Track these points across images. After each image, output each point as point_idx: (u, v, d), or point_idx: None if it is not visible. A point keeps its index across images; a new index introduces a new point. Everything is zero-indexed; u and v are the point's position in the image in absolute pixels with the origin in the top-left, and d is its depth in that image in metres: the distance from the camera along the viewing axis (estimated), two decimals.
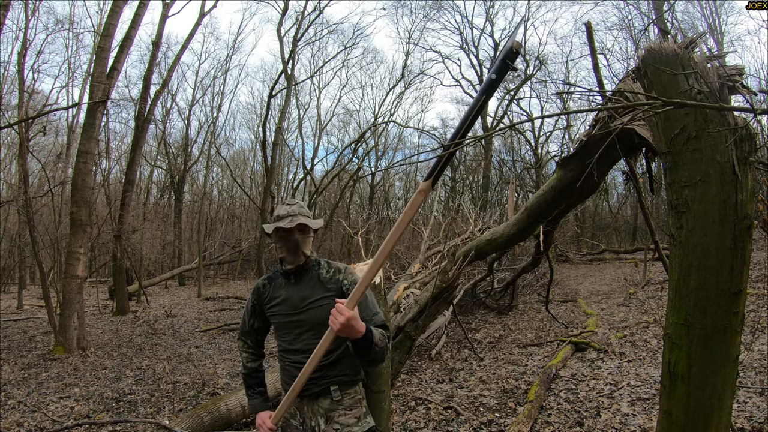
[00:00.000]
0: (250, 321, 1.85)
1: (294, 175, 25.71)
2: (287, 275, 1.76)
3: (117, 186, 17.53)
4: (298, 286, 1.73)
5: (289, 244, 1.70)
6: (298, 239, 1.69)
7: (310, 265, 1.77)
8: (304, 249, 1.71)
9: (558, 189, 2.86)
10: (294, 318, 1.70)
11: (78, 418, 4.04)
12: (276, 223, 1.73)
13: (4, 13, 6.28)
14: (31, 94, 13.90)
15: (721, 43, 14.90)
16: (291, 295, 1.72)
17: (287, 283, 1.76)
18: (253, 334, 1.86)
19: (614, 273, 11.92)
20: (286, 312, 1.71)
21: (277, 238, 1.75)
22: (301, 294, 1.71)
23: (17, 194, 10.54)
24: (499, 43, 20.62)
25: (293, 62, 15.40)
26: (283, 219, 1.71)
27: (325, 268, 1.76)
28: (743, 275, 1.52)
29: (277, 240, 1.75)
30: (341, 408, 1.66)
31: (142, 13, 8.16)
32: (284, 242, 1.71)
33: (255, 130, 25.79)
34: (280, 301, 1.74)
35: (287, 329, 1.71)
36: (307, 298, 1.70)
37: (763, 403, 3.09)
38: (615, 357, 4.75)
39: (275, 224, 1.73)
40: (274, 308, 1.75)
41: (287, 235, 1.70)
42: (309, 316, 1.67)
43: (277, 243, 1.75)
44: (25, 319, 10.14)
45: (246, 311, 1.87)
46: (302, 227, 1.71)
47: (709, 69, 1.54)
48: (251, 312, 1.84)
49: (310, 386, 1.62)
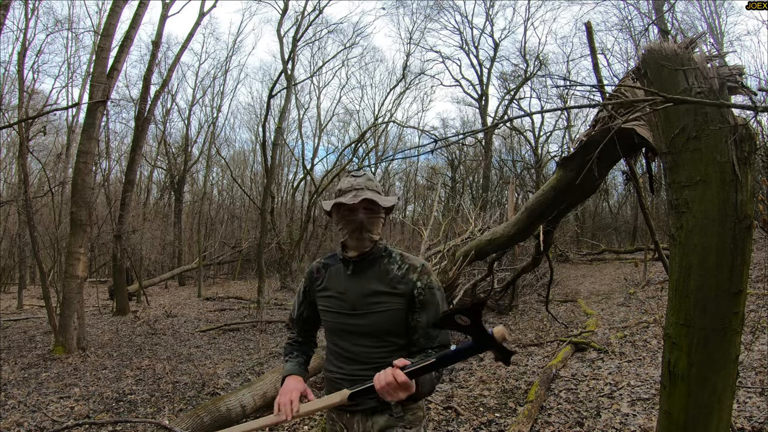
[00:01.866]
0: (300, 309, 1.58)
1: (294, 175, 25.74)
2: (347, 263, 1.46)
3: (117, 186, 17.53)
4: (360, 280, 1.42)
5: (352, 225, 1.40)
6: (362, 219, 1.39)
7: (378, 255, 1.45)
8: (371, 232, 1.41)
9: (558, 189, 2.86)
10: (350, 321, 1.40)
11: (78, 418, 4.04)
12: (337, 198, 1.43)
13: (4, 13, 6.28)
14: (31, 94, 13.90)
15: (721, 43, 14.90)
16: (349, 289, 1.42)
17: (346, 274, 1.46)
18: (300, 323, 1.59)
19: (614, 273, 11.92)
20: (340, 310, 1.43)
21: (338, 217, 1.45)
22: (361, 290, 1.40)
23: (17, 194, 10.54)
24: (499, 43, 20.63)
25: (293, 62, 15.40)
26: (346, 193, 1.41)
27: (397, 262, 1.43)
28: (743, 275, 1.52)
29: (338, 220, 1.45)
30: (401, 426, 1.38)
31: (142, 13, 8.16)
32: (346, 222, 1.42)
33: (255, 130, 25.82)
34: (334, 294, 1.45)
35: (339, 331, 1.44)
36: (369, 297, 1.39)
37: (763, 403, 3.09)
38: (615, 357, 4.75)
39: (336, 200, 1.43)
40: (327, 301, 1.47)
41: (349, 214, 1.40)
42: (370, 322, 1.37)
43: (338, 224, 1.45)
44: (25, 319, 10.14)
45: (297, 296, 1.61)
46: (369, 204, 1.40)
47: (709, 69, 1.54)
48: (302, 298, 1.58)
49: (366, 399, 1.30)
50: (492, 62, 20.86)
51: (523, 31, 25.90)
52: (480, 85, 21.08)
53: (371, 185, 1.44)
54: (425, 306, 1.37)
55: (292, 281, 14.68)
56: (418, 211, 24.27)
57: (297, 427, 3.70)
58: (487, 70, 20.98)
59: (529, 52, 20.08)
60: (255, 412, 3.88)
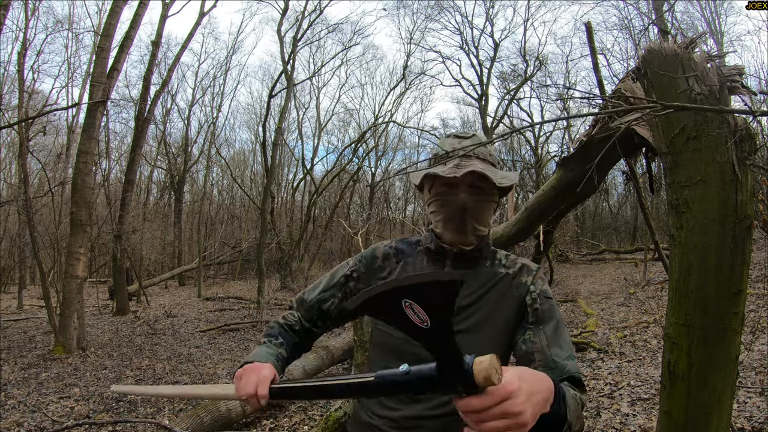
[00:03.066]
0: (326, 295, 1.09)
1: (294, 175, 25.72)
2: (440, 256, 1.03)
3: (117, 186, 17.53)
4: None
5: (450, 209, 0.97)
6: (466, 201, 0.96)
7: (484, 254, 1.03)
8: (477, 221, 0.98)
9: (558, 189, 2.86)
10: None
11: (78, 418, 4.04)
12: (435, 168, 1.00)
13: (4, 13, 6.28)
14: (31, 94, 13.90)
15: (721, 43, 14.90)
16: None
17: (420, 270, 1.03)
18: (313, 312, 1.10)
19: (614, 273, 11.92)
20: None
21: (432, 195, 1.02)
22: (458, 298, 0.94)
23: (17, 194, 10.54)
24: (499, 43, 20.64)
25: (293, 62, 15.41)
26: (447, 162, 0.99)
27: (503, 265, 1.03)
28: (743, 275, 1.52)
29: (430, 199, 1.03)
30: None
31: (142, 13, 8.16)
32: (441, 204, 1.00)
33: (255, 130, 25.80)
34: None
35: (402, 354, 0.88)
36: (469, 308, 0.97)
37: (763, 403, 3.09)
38: (615, 357, 4.75)
39: (429, 169, 1.01)
40: None
41: (447, 192, 0.98)
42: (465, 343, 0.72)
43: (430, 204, 1.03)
44: (25, 319, 10.14)
45: (329, 278, 1.12)
46: (478, 180, 0.97)
47: (709, 69, 1.54)
48: (339, 285, 1.09)
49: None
50: (492, 62, 20.87)
51: (523, 32, 25.91)
52: (480, 85, 21.08)
53: (483, 153, 1.01)
54: (543, 320, 0.94)
55: (292, 281, 14.68)
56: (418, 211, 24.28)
57: (297, 427, 3.71)
58: (487, 70, 20.98)
59: (529, 52, 20.09)
60: (255, 412, 3.88)
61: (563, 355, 0.90)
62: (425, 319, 0.59)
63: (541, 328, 0.93)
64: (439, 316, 0.59)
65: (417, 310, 0.59)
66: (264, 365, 0.89)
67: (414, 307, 0.59)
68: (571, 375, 0.88)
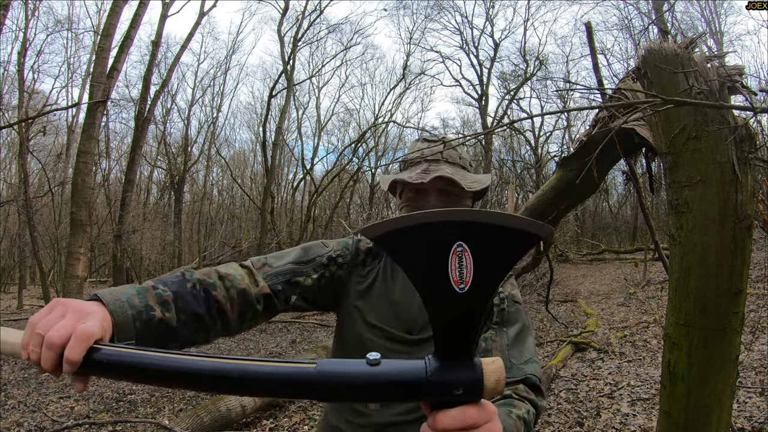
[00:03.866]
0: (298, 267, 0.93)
1: (294, 175, 25.73)
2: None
3: (117, 186, 17.53)
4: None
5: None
6: (435, 207, 0.89)
7: None
8: None
9: (558, 189, 2.86)
10: (399, 348, 0.91)
11: (78, 418, 4.04)
12: (402, 174, 0.99)
13: (4, 13, 6.28)
14: (31, 94, 13.90)
15: (721, 43, 14.90)
16: (408, 301, 0.94)
17: (403, 278, 0.96)
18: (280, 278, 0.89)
19: (614, 273, 11.92)
20: (386, 326, 0.93)
21: (403, 200, 1.00)
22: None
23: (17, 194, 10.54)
24: (499, 43, 20.64)
25: (293, 62, 15.42)
26: (414, 166, 0.99)
27: None
28: (743, 275, 1.52)
29: (402, 203, 1.00)
30: None
31: (142, 13, 8.17)
32: (413, 210, 0.96)
33: (255, 130, 25.80)
34: (382, 303, 0.95)
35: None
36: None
37: (763, 403, 3.09)
38: (615, 357, 4.75)
39: (399, 175, 0.98)
40: (366, 308, 0.95)
41: (416, 198, 0.97)
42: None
43: (402, 208, 1.01)
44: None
45: (300, 252, 0.96)
46: (447, 185, 0.95)
47: (709, 69, 1.54)
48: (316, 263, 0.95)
49: None
50: (492, 62, 20.88)
51: (523, 32, 25.90)
52: (480, 85, 21.09)
53: (453, 156, 0.98)
54: (507, 322, 0.91)
55: None
56: None
57: (297, 427, 3.70)
58: (487, 70, 20.99)
59: (529, 52, 20.10)
60: (255, 412, 3.88)
61: (522, 359, 0.86)
62: (467, 280, 0.45)
63: (505, 330, 0.90)
64: (488, 281, 0.45)
65: (465, 263, 0.44)
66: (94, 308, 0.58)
67: (464, 258, 0.44)
68: (527, 377, 0.83)
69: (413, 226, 0.44)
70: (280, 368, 0.47)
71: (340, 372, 0.46)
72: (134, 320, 0.65)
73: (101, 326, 0.55)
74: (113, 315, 0.62)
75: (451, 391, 0.46)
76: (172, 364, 0.48)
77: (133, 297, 0.68)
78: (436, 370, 0.46)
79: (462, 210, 0.46)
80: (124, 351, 0.52)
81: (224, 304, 0.79)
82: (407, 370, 0.46)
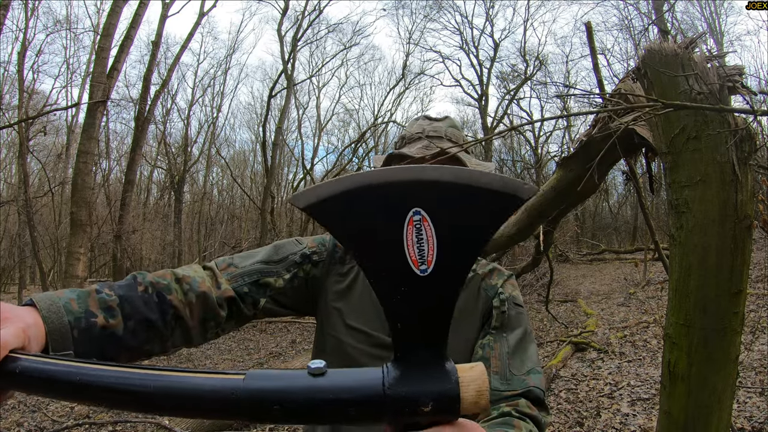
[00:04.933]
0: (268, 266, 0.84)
1: (294, 175, 25.72)
2: None
3: (117, 186, 17.52)
4: None
5: None
6: None
7: None
8: None
9: (558, 189, 2.86)
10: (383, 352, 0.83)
11: (78, 418, 4.04)
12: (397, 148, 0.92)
13: (4, 13, 6.28)
14: (31, 94, 13.90)
15: (721, 43, 14.90)
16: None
17: None
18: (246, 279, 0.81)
19: (614, 273, 11.92)
20: (369, 329, 0.84)
21: None
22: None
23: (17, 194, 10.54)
24: (499, 43, 20.65)
25: (293, 62, 15.43)
26: (413, 142, 0.92)
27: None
28: (743, 275, 1.52)
29: None
30: None
31: (141, 12, 8.16)
32: None
33: (255, 130, 25.81)
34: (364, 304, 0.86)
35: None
36: None
37: (763, 403, 3.09)
38: (615, 357, 4.75)
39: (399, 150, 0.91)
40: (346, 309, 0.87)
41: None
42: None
43: None
44: None
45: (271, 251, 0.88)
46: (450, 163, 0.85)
47: (709, 69, 1.54)
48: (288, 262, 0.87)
49: None
50: (492, 62, 20.88)
51: (523, 32, 25.90)
52: (480, 85, 21.09)
53: (456, 136, 0.92)
54: (507, 327, 0.84)
55: None
56: None
57: (297, 427, 3.70)
58: (487, 70, 20.99)
59: (528, 52, 20.10)
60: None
61: (524, 369, 0.78)
62: (429, 259, 0.35)
63: (505, 336, 0.82)
64: (457, 259, 0.35)
65: (425, 237, 0.34)
66: (23, 313, 0.52)
67: (424, 230, 0.34)
68: (529, 389, 0.75)
69: (354, 188, 0.34)
70: (203, 381, 0.37)
71: (273, 386, 0.36)
72: (72, 327, 0.58)
73: (21, 333, 0.48)
74: (46, 321, 0.55)
75: (417, 407, 0.35)
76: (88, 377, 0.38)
77: (71, 302, 0.60)
78: (397, 380, 0.35)
79: (415, 167, 0.35)
80: (39, 360, 0.42)
81: (181, 310, 0.70)
82: (359, 382, 0.36)
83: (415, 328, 0.36)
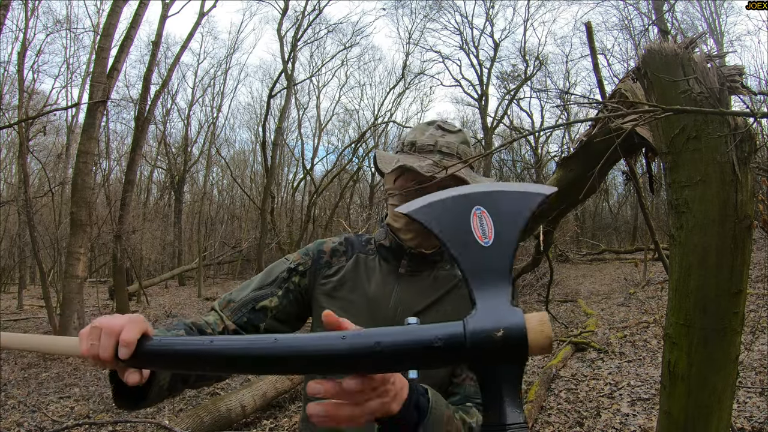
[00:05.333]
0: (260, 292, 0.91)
1: (294, 175, 25.74)
2: (397, 254, 0.93)
3: (117, 186, 17.52)
4: (410, 288, 0.90)
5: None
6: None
7: (444, 257, 0.95)
8: None
9: (558, 189, 2.86)
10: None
11: (78, 418, 4.04)
12: (404, 156, 0.91)
13: (4, 13, 6.28)
14: (31, 94, 13.90)
15: (721, 43, 14.91)
16: (384, 298, 0.89)
17: (388, 271, 0.92)
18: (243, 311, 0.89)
19: (614, 273, 11.92)
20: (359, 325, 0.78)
21: (396, 186, 0.93)
22: (408, 304, 0.88)
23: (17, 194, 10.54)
24: (499, 43, 20.65)
25: (293, 62, 15.43)
26: (426, 154, 0.90)
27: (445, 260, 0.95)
28: (743, 275, 1.52)
29: (396, 190, 0.93)
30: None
31: (142, 12, 8.16)
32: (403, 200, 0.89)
33: (255, 130, 25.81)
34: (356, 299, 0.89)
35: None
36: (427, 312, 0.87)
37: (763, 403, 3.09)
38: (615, 357, 4.75)
39: (402, 157, 0.90)
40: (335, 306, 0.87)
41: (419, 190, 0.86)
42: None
43: (395, 196, 0.93)
44: (25, 319, 10.14)
45: (263, 276, 0.95)
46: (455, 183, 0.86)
47: (709, 69, 1.55)
48: (278, 280, 0.92)
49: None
50: (492, 62, 20.87)
51: (523, 32, 25.92)
52: (480, 85, 21.09)
53: (467, 152, 0.92)
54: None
55: None
56: None
57: (297, 426, 3.70)
58: (487, 70, 20.99)
59: (528, 52, 20.10)
60: (255, 412, 3.89)
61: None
62: (490, 234, 0.52)
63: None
64: (509, 232, 0.52)
65: (485, 222, 0.52)
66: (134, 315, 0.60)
67: (484, 218, 0.53)
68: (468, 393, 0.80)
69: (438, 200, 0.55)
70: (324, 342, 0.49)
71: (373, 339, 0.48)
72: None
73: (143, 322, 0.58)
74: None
75: (490, 333, 0.45)
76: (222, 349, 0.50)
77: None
78: (473, 318, 0.47)
79: (477, 185, 0.57)
80: (172, 339, 0.55)
81: None
82: (446, 325, 0.48)
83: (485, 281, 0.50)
